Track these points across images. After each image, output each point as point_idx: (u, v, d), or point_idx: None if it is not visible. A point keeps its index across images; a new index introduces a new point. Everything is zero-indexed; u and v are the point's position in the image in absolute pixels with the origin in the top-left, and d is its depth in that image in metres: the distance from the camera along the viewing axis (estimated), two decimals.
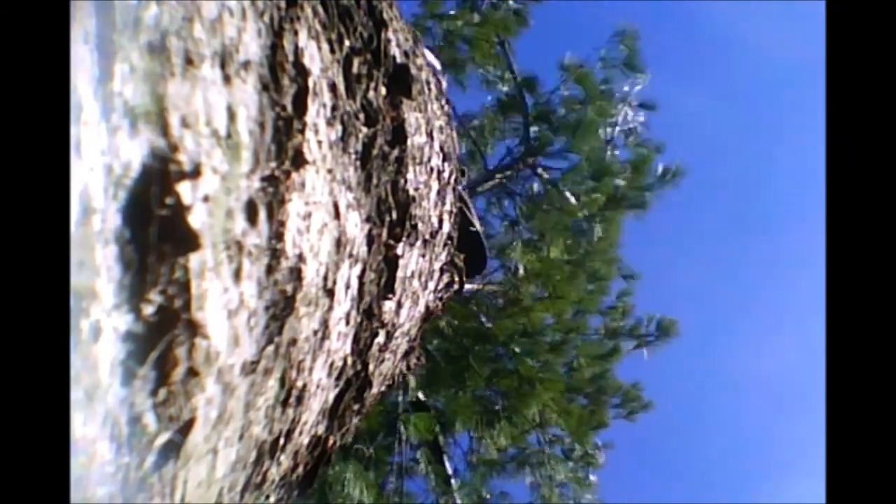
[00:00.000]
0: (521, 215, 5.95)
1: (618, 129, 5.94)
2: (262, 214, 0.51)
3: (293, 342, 0.62)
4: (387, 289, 0.95)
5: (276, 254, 0.54)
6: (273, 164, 0.52)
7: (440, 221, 1.36)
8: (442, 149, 1.32)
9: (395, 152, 0.89)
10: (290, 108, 0.55)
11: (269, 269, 0.53)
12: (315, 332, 0.68)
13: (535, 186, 6.05)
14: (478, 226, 2.11)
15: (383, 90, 0.84)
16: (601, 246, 5.77)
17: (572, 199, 5.71)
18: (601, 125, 5.78)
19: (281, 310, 0.56)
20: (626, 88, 5.88)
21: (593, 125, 5.64)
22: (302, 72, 0.57)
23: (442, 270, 1.56)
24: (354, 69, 0.73)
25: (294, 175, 0.56)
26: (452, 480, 5.51)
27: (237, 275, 0.48)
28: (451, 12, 5.75)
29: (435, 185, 1.26)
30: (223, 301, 0.46)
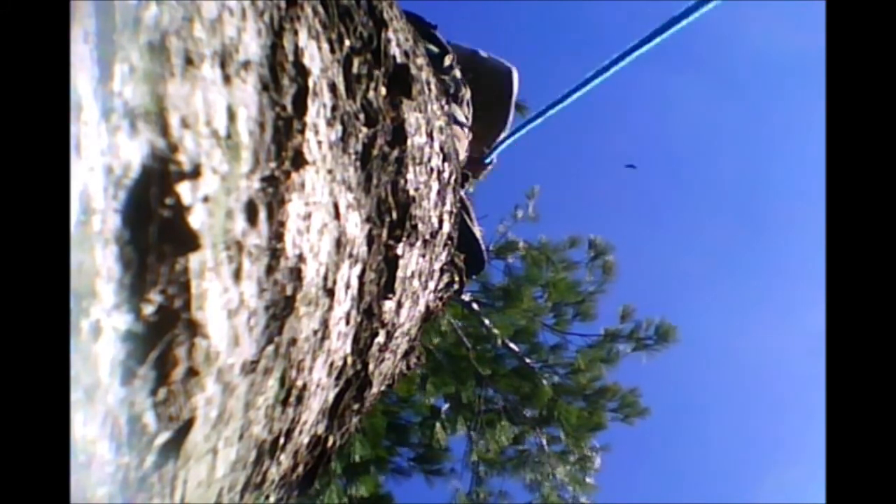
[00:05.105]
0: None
1: None
2: (262, 214, 0.51)
3: (293, 342, 0.62)
4: (387, 289, 0.95)
5: (276, 254, 0.54)
6: (273, 165, 0.52)
7: (440, 222, 1.36)
8: (442, 149, 1.32)
9: (395, 152, 0.89)
10: (290, 108, 0.55)
11: (269, 269, 0.53)
12: (315, 332, 0.68)
13: None
14: (477, 227, 2.12)
15: (383, 90, 0.84)
16: None
17: None
18: None
19: (281, 310, 0.57)
20: None
21: None
22: (302, 72, 0.57)
23: (442, 270, 1.56)
24: (354, 69, 0.73)
25: (294, 175, 0.56)
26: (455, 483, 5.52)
27: (237, 275, 0.48)
28: None
29: (435, 186, 1.26)
30: (223, 301, 0.46)
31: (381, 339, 1.02)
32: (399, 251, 0.97)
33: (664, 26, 1.30)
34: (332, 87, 0.66)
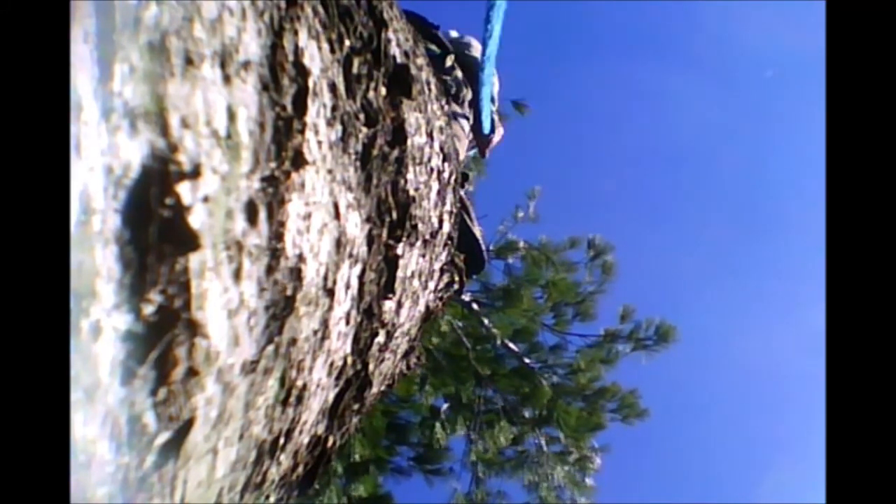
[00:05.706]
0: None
1: None
2: (262, 214, 0.51)
3: (293, 342, 0.62)
4: (387, 289, 0.95)
5: (276, 254, 0.54)
6: (273, 165, 0.52)
7: (440, 222, 1.36)
8: (442, 149, 1.32)
9: (395, 152, 0.89)
10: (290, 108, 0.55)
11: (269, 269, 0.53)
12: (315, 332, 0.68)
13: None
14: (477, 227, 2.12)
15: (383, 90, 0.84)
16: None
17: None
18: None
19: (281, 309, 0.57)
20: None
21: None
22: (302, 72, 0.57)
23: (442, 270, 1.56)
24: (354, 69, 0.73)
25: (294, 175, 0.56)
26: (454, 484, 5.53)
27: (237, 275, 0.48)
28: None
29: (435, 186, 1.26)
30: (223, 301, 0.46)
31: (381, 339, 1.02)
32: (399, 251, 0.97)
33: None
34: (332, 87, 0.66)
